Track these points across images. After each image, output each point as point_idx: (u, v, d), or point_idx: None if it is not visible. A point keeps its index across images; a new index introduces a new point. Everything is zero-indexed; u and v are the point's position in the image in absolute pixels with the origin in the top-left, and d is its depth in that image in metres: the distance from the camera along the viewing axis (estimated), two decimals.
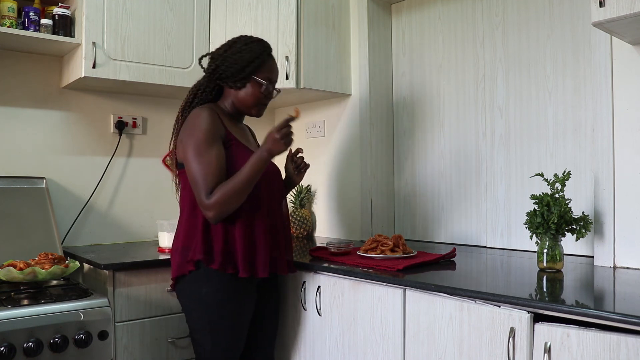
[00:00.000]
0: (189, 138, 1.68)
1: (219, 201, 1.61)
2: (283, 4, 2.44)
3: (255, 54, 1.75)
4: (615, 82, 1.76)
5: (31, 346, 1.58)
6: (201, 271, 1.69)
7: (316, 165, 2.86)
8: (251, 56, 1.75)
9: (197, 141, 1.66)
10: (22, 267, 1.76)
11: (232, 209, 1.65)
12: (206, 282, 1.70)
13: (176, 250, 1.76)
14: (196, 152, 1.65)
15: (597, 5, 1.46)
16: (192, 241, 1.71)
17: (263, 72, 1.77)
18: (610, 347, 1.18)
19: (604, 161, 1.78)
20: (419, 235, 2.57)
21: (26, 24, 2.14)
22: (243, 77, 1.75)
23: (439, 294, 1.51)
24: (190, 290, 1.73)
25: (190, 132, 1.69)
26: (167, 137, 2.68)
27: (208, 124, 1.68)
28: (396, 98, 2.71)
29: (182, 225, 1.77)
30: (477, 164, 2.34)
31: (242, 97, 1.79)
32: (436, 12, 2.52)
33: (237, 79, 1.76)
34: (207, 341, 1.74)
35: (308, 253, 2.12)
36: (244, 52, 1.75)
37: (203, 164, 1.64)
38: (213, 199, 1.61)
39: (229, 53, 1.77)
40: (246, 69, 1.75)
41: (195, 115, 1.71)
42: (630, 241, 1.72)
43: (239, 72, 1.75)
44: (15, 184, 2.21)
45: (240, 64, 1.74)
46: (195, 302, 1.73)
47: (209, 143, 1.66)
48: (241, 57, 1.75)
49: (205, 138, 1.66)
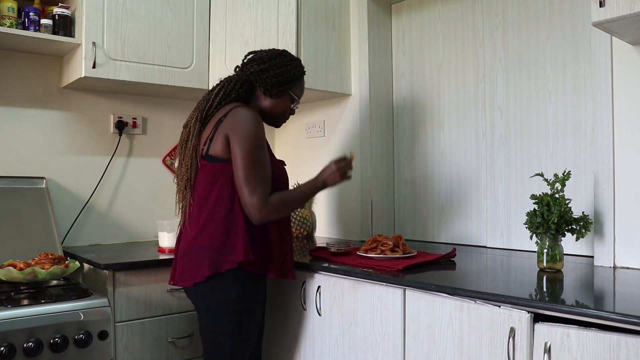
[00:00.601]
0: (241, 135, 1.68)
1: (274, 207, 1.69)
2: (283, 4, 2.44)
3: (299, 72, 1.88)
4: (615, 82, 1.76)
5: (31, 346, 1.58)
6: (234, 272, 1.67)
7: (316, 165, 2.86)
8: (296, 73, 1.86)
9: (254, 142, 1.69)
10: (22, 267, 1.76)
11: (277, 217, 1.74)
12: (237, 284, 1.69)
13: (208, 248, 1.68)
14: (253, 152, 1.68)
15: (597, 5, 1.46)
16: (234, 241, 1.68)
17: (298, 90, 1.89)
18: (610, 347, 1.18)
19: (604, 161, 1.78)
20: (419, 235, 2.57)
21: (26, 24, 2.14)
22: (283, 89, 1.84)
23: (439, 294, 1.51)
24: (218, 292, 1.69)
25: (244, 130, 1.69)
26: (167, 137, 2.71)
27: (261, 128, 1.74)
28: (396, 98, 2.71)
29: (217, 223, 1.70)
30: (477, 164, 2.34)
31: (272, 106, 1.86)
32: (436, 12, 2.52)
33: (278, 89, 1.83)
34: (231, 341, 1.72)
35: (308, 253, 2.12)
36: (291, 67, 1.85)
37: (261, 166, 1.69)
38: (271, 202, 1.68)
39: (276, 62, 1.83)
40: (289, 82, 1.84)
41: (247, 115, 1.72)
42: (630, 241, 1.72)
43: (282, 84, 1.82)
44: (15, 184, 2.21)
45: (286, 77, 1.83)
46: (224, 303, 1.69)
47: (263, 147, 1.73)
48: (287, 71, 1.83)
49: (260, 141, 1.72)
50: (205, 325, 1.76)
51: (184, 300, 2.03)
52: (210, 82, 2.42)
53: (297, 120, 2.98)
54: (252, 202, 1.65)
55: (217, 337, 1.73)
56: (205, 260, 1.67)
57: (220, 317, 1.71)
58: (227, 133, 1.69)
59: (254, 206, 1.65)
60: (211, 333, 1.75)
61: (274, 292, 2.07)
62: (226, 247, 1.67)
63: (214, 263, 1.66)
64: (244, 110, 1.73)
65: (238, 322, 1.72)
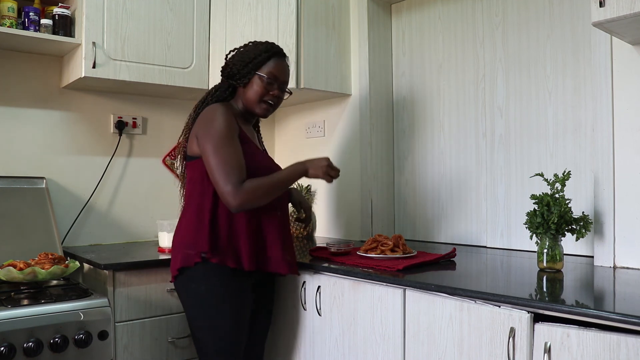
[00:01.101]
0: (207, 131, 1.70)
1: (250, 191, 1.65)
2: (283, 4, 2.44)
3: (260, 51, 1.81)
4: (615, 82, 1.76)
5: (31, 346, 1.58)
6: (203, 266, 1.70)
7: None
8: (255, 53, 1.81)
9: (219, 133, 1.68)
10: (22, 267, 1.76)
11: (256, 203, 1.69)
12: (206, 279, 1.71)
13: (181, 243, 1.76)
14: (219, 143, 1.67)
15: (597, 5, 1.46)
16: (199, 234, 1.71)
17: (266, 68, 1.81)
18: (610, 347, 1.18)
19: (604, 161, 1.78)
20: (419, 235, 2.57)
21: (26, 24, 2.14)
22: (246, 72, 1.80)
23: (439, 294, 1.51)
24: (190, 287, 1.74)
25: (209, 125, 1.71)
26: (167, 137, 2.71)
27: (226, 119, 1.72)
28: (396, 98, 2.71)
29: (188, 219, 1.77)
30: (477, 164, 2.34)
31: (247, 94, 1.82)
32: (436, 12, 2.52)
33: (242, 74, 1.81)
34: (209, 339, 1.75)
35: (308, 253, 2.12)
36: (250, 50, 1.82)
37: (228, 154, 1.66)
38: (245, 187, 1.64)
39: (237, 52, 1.84)
40: (249, 64, 1.80)
41: (212, 110, 1.75)
42: (630, 241, 1.72)
43: (243, 68, 1.80)
44: (15, 184, 2.21)
45: (245, 59, 1.80)
46: (194, 300, 1.74)
47: (231, 136, 1.70)
48: (247, 54, 1.81)
49: (227, 131, 1.70)
50: (187, 321, 1.82)
51: None
52: (211, 82, 2.42)
53: (297, 120, 2.98)
54: (226, 190, 1.63)
55: (196, 334, 1.78)
56: (178, 255, 1.74)
57: (194, 312, 1.76)
58: (197, 131, 1.75)
59: (228, 193, 1.63)
60: (192, 330, 1.80)
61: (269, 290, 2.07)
62: (195, 241, 1.71)
63: (185, 258, 1.72)
64: (211, 106, 1.77)
65: (212, 318, 1.73)
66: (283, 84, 1.85)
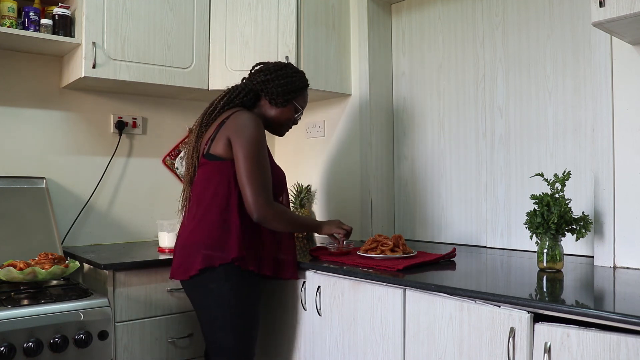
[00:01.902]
0: (244, 137, 1.75)
1: (278, 213, 1.76)
2: (283, 4, 2.44)
3: (303, 84, 1.97)
4: (615, 82, 1.76)
5: (31, 346, 1.58)
6: (225, 267, 1.72)
7: (316, 165, 2.86)
8: (300, 84, 1.95)
9: (256, 144, 1.75)
10: (22, 267, 1.76)
11: (274, 225, 1.77)
12: (229, 280, 1.73)
13: (202, 243, 1.74)
14: (256, 153, 1.74)
15: (597, 5, 1.46)
16: (227, 236, 1.73)
17: (302, 100, 1.98)
18: (610, 347, 1.18)
19: (604, 161, 1.78)
20: (419, 235, 2.57)
21: (26, 24, 2.14)
22: (287, 99, 1.92)
23: (439, 294, 1.51)
24: (210, 287, 1.74)
25: (246, 132, 1.76)
26: (167, 137, 2.70)
27: (262, 132, 1.81)
28: (396, 98, 2.71)
29: (212, 219, 1.76)
30: (477, 164, 2.34)
31: (277, 115, 1.93)
32: (436, 12, 2.52)
33: (284, 98, 1.90)
34: (231, 339, 1.75)
35: (308, 253, 2.12)
36: (295, 78, 1.94)
37: (262, 168, 1.75)
38: (276, 207, 1.76)
39: (281, 73, 1.92)
40: (293, 93, 1.92)
41: (248, 117, 1.80)
42: (630, 241, 1.72)
43: (286, 93, 1.91)
44: (15, 184, 2.21)
45: (290, 87, 1.91)
46: (217, 299, 1.74)
47: (264, 149, 1.79)
48: (292, 81, 1.92)
49: (262, 144, 1.78)
50: (203, 322, 1.82)
51: (184, 300, 2.03)
52: (210, 82, 2.42)
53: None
54: (257, 200, 1.70)
55: (216, 334, 1.78)
56: (199, 254, 1.73)
57: (216, 313, 1.76)
58: (229, 134, 1.76)
59: (258, 204, 1.70)
60: (210, 330, 1.79)
61: (274, 292, 2.07)
62: (220, 243, 1.73)
63: (207, 258, 1.72)
64: (247, 114, 1.82)
65: (233, 318, 1.75)
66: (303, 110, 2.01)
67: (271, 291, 2.08)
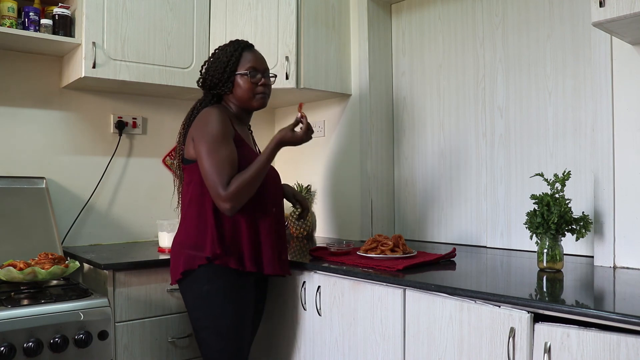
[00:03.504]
0: (202, 134, 1.72)
1: (235, 192, 1.65)
2: (283, 4, 2.44)
3: (230, 53, 1.83)
4: (615, 82, 1.76)
5: (31, 346, 1.58)
6: (206, 268, 1.72)
7: (316, 165, 2.86)
8: (227, 57, 1.83)
9: (212, 137, 1.70)
10: (22, 267, 1.76)
11: (246, 199, 1.69)
12: (209, 280, 1.72)
13: (183, 245, 1.77)
14: (212, 147, 1.69)
15: (597, 5, 1.46)
16: (204, 236, 1.73)
17: (243, 65, 1.83)
18: (610, 347, 1.18)
19: (604, 161, 1.78)
20: (419, 235, 2.57)
21: (26, 24, 2.14)
22: (226, 78, 1.83)
23: (439, 294, 1.51)
24: (193, 288, 1.75)
25: (204, 128, 1.73)
26: (167, 137, 2.70)
27: (221, 122, 1.74)
28: (396, 98, 2.71)
29: (189, 221, 1.78)
30: (477, 164, 2.34)
31: (238, 95, 1.85)
32: (436, 12, 2.52)
33: (223, 82, 1.83)
34: (213, 339, 1.75)
35: (308, 253, 2.12)
36: (220, 57, 1.84)
37: (219, 158, 1.68)
38: (230, 189, 1.65)
39: (209, 63, 1.87)
40: (226, 70, 1.82)
41: (207, 113, 1.77)
42: (630, 241, 1.72)
43: (222, 76, 1.83)
44: (15, 184, 2.21)
45: (221, 68, 1.82)
46: (197, 300, 1.75)
47: (224, 139, 1.72)
48: (219, 62, 1.83)
49: (220, 134, 1.71)
50: (191, 322, 1.82)
51: None
52: None
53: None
54: (217, 195, 1.66)
55: (200, 334, 1.78)
56: (181, 257, 1.76)
57: (198, 313, 1.77)
58: (193, 135, 1.76)
59: (220, 198, 1.66)
60: (195, 331, 1.80)
61: (274, 292, 2.07)
62: (197, 243, 1.73)
63: (188, 260, 1.74)
64: (207, 110, 1.79)
65: (216, 319, 1.74)
66: (265, 71, 1.87)
67: (271, 291, 2.08)
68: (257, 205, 1.77)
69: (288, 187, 2.12)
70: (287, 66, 2.42)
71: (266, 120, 3.10)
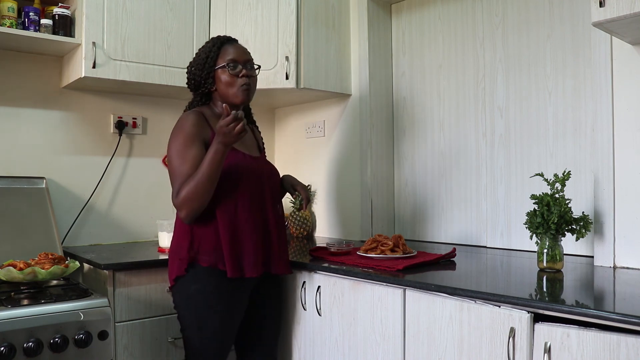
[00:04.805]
0: (171, 141, 1.76)
1: (184, 199, 1.65)
2: (283, 4, 2.44)
3: (208, 49, 1.82)
4: (615, 82, 1.76)
5: (31, 346, 1.57)
6: (194, 270, 1.74)
7: (316, 165, 2.86)
8: (205, 53, 1.82)
9: (176, 144, 1.73)
10: (22, 267, 1.76)
11: (200, 205, 1.67)
12: (196, 281, 1.74)
13: (172, 251, 1.81)
14: (174, 154, 1.72)
15: (597, 5, 1.46)
16: (184, 241, 1.76)
17: (223, 58, 1.80)
18: (610, 347, 1.18)
19: (604, 161, 1.78)
20: (419, 235, 2.57)
21: (26, 24, 2.14)
22: (206, 74, 1.81)
23: (439, 294, 1.51)
24: (181, 289, 1.77)
25: (171, 137, 1.77)
26: (167, 137, 2.67)
27: (190, 127, 1.73)
28: (396, 98, 2.71)
29: (176, 227, 1.83)
30: (477, 164, 2.34)
31: (221, 91, 1.82)
32: (436, 12, 2.52)
33: (205, 80, 1.82)
34: (195, 338, 1.76)
35: (308, 253, 2.12)
36: (200, 55, 1.84)
37: (177, 165, 1.70)
38: (179, 197, 1.66)
39: (190, 64, 1.87)
40: (205, 66, 1.81)
41: (180, 119, 1.79)
42: (630, 241, 1.72)
43: (202, 73, 1.82)
44: (15, 184, 2.21)
45: (200, 65, 1.82)
46: (185, 300, 1.76)
47: (187, 145, 1.71)
48: (199, 59, 1.83)
49: (184, 141, 1.71)
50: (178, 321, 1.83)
51: None
52: None
53: (297, 120, 2.98)
54: (173, 203, 1.69)
55: (185, 332, 1.79)
56: (174, 264, 1.78)
57: (184, 312, 1.78)
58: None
59: (174, 206, 1.69)
60: (181, 329, 1.81)
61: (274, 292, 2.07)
62: (182, 249, 1.76)
63: (178, 266, 1.76)
64: (182, 115, 1.81)
65: (199, 317, 1.74)
66: (246, 62, 1.82)
67: (271, 291, 2.07)
68: (237, 207, 1.74)
69: (288, 177, 2.05)
70: (287, 66, 2.42)
71: (266, 120, 3.10)
